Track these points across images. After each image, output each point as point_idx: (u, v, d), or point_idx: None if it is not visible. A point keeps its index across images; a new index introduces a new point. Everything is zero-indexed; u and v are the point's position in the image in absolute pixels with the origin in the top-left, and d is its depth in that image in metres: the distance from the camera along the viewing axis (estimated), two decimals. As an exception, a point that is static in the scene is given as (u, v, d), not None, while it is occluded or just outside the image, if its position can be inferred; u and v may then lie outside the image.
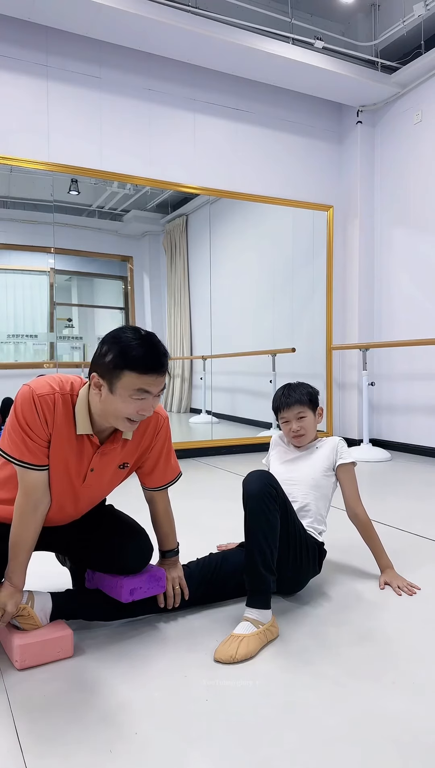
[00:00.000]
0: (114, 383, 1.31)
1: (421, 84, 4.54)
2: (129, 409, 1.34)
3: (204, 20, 3.92)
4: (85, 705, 1.25)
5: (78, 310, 4.88)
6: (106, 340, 1.34)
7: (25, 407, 1.35)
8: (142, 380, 1.31)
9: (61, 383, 1.40)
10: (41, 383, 1.38)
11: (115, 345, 1.31)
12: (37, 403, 1.35)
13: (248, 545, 1.57)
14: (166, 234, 5.14)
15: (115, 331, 1.35)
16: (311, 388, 1.97)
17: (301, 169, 4.93)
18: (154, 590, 1.57)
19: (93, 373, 1.35)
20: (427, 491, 3.39)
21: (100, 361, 1.33)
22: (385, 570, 1.93)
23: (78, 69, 4.02)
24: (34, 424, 1.36)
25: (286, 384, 1.98)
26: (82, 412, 1.39)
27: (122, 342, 1.31)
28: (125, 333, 1.34)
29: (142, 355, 1.30)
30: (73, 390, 1.40)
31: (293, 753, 1.09)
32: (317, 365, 5.13)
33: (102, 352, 1.33)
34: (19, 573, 1.43)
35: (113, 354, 1.30)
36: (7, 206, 4.29)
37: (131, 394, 1.32)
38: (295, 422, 1.91)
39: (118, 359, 1.30)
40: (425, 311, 4.57)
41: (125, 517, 1.68)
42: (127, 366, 1.30)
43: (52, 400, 1.37)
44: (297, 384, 1.97)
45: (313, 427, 1.94)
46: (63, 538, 1.60)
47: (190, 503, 3.05)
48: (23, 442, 1.36)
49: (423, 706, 1.24)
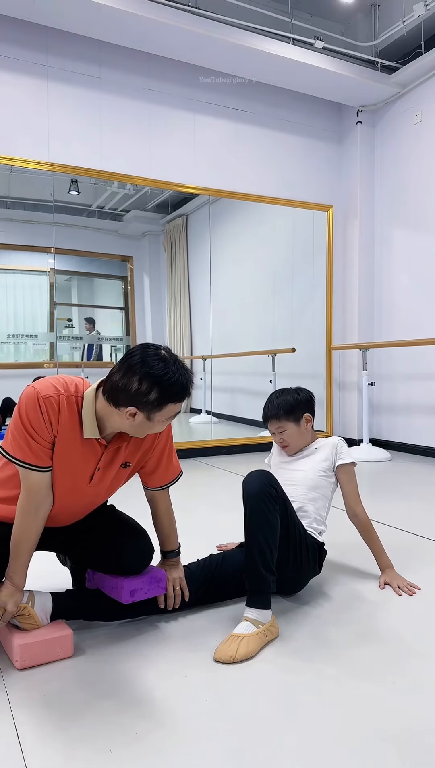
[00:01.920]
0: (154, 414, 1.35)
1: (421, 84, 4.54)
2: (160, 428, 1.42)
3: (204, 20, 3.92)
4: (85, 705, 1.25)
5: (78, 310, 4.88)
6: (142, 375, 1.30)
7: (29, 409, 1.35)
8: (178, 406, 1.39)
9: (66, 385, 1.39)
10: (45, 384, 1.37)
11: (157, 383, 1.31)
12: (42, 405, 1.35)
13: (248, 545, 1.57)
14: (166, 234, 5.14)
15: (146, 365, 1.31)
16: (294, 396, 1.91)
17: (301, 169, 4.93)
18: (155, 591, 1.57)
19: (131, 407, 1.32)
20: (427, 491, 3.39)
21: (141, 399, 1.31)
22: (385, 570, 1.93)
23: (78, 69, 4.02)
24: (38, 425, 1.35)
25: (274, 392, 1.96)
26: (89, 417, 1.39)
27: (163, 379, 1.31)
28: (159, 366, 1.31)
29: (181, 388, 1.35)
30: (78, 392, 1.40)
31: (293, 753, 1.09)
32: (317, 365, 5.13)
33: (141, 390, 1.30)
34: (21, 573, 1.43)
35: (157, 393, 1.31)
36: (7, 206, 4.29)
37: (168, 418, 1.39)
38: (276, 435, 1.92)
39: (163, 397, 1.33)
40: (425, 311, 4.57)
41: (126, 517, 1.68)
42: (171, 400, 1.35)
43: (57, 401, 1.36)
44: (280, 393, 1.93)
45: (297, 437, 1.91)
46: (64, 538, 1.60)
47: (190, 503, 3.05)
48: (26, 443, 1.36)
49: (423, 705, 1.24)
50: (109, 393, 1.35)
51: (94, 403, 1.40)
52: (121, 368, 1.33)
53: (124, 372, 1.32)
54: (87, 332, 4.75)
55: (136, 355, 1.33)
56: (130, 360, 1.33)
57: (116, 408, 1.35)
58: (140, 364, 1.31)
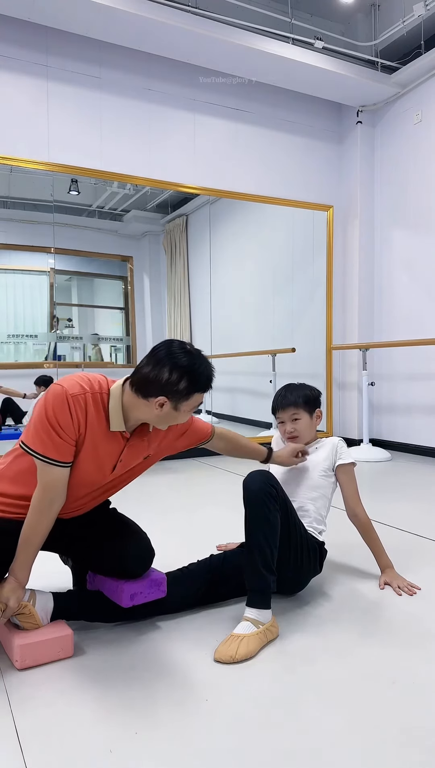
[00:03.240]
0: (181, 403, 1.43)
1: (421, 84, 4.54)
2: (185, 418, 1.50)
3: (204, 20, 3.92)
4: (85, 705, 1.25)
5: (78, 310, 4.88)
6: (172, 366, 1.39)
7: (57, 406, 1.39)
8: (202, 396, 1.48)
9: (90, 383, 1.45)
10: (72, 383, 1.42)
11: (186, 373, 1.40)
12: (71, 403, 1.39)
13: (248, 545, 1.57)
14: (166, 234, 5.14)
15: (174, 356, 1.41)
16: (311, 390, 1.95)
17: (301, 169, 4.93)
18: (155, 595, 1.57)
19: (161, 396, 1.40)
20: (427, 491, 3.39)
21: (171, 388, 1.40)
22: (386, 570, 1.92)
23: (78, 69, 4.02)
24: (65, 423, 1.39)
25: (286, 384, 1.97)
26: (116, 410, 1.45)
27: (191, 370, 1.41)
28: (186, 357, 1.41)
29: (207, 378, 1.45)
30: (102, 389, 1.46)
31: (293, 753, 1.09)
32: (317, 365, 5.13)
33: (171, 380, 1.39)
34: (25, 569, 1.44)
35: (186, 382, 1.41)
36: (7, 206, 4.29)
37: (192, 408, 1.47)
38: (289, 423, 1.91)
39: (191, 386, 1.42)
40: (425, 311, 4.57)
41: (127, 520, 1.68)
42: (198, 389, 1.44)
43: (84, 399, 1.41)
44: (297, 385, 1.95)
45: (308, 429, 1.92)
46: (66, 540, 1.61)
47: (190, 503, 3.06)
48: (50, 438, 1.39)
49: (423, 706, 1.24)
50: (138, 385, 1.42)
51: (121, 397, 1.46)
52: (150, 362, 1.42)
53: (154, 365, 1.41)
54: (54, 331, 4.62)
55: (163, 349, 1.43)
56: (157, 354, 1.42)
57: (145, 399, 1.42)
58: (169, 357, 1.40)
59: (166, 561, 1.81)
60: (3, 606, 1.39)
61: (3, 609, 1.39)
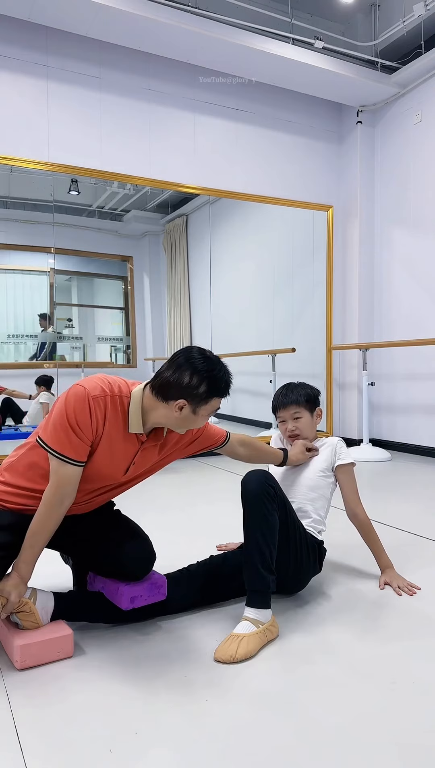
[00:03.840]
0: (199, 407, 1.47)
1: (421, 84, 4.54)
2: (203, 422, 1.54)
3: (204, 20, 3.92)
4: (85, 705, 1.25)
5: (78, 310, 4.88)
6: (193, 371, 1.44)
7: (78, 407, 1.41)
8: (220, 401, 1.52)
9: (110, 386, 1.48)
10: (93, 384, 1.45)
11: (206, 378, 1.45)
12: (92, 405, 1.42)
13: (247, 545, 1.57)
14: (166, 234, 5.14)
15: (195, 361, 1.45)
16: (311, 389, 1.96)
17: (301, 169, 4.93)
18: (155, 598, 1.57)
19: (181, 399, 1.44)
20: (427, 491, 3.39)
21: (190, 391, 1.44)
22: (385, 570, 1.93)
23: (78, 69, 4.02)
24: (84, 424, 1.41)
25: (287, 383, 1.98)
26: (136, 413, 1.49)
27: (211, 375, 1.46)
28: (205, 363, 1.45)
29: (225, 383, 1.50)
30: (122, 392, 1.49)
31: (293, 753, 1.09)
32: (317, 365, 5.13)
33: (191, 383, 1.44)
34: (29, 564, 1.45)
35: (206, 387, 1.45)
36: (7, 206, 4.29)
37: (210, 412, 1.51)
38: (290, 422, 1.92)
39: (210, 391, 1.46)
40: (425, 311, 4.57)
41: (130, 522, 1.68)
42: (217, 394, 1.49)
43: (104, 402, 1.45)
44: (297, 384, 1.97)
45: (309, 428, 1.93)
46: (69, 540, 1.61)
47: (190, 503, 3.05)
48: (67, 437, 1.41)
49: (424, 706, 1.24)
50: (159, 388, 1.47)
51: (142, 399, 1.49)
52: (171, 366, 1.47)
53: (175, 369, 1.46)
54: (41, 329, 4.56)
55: (183, 355, 1.48)
56: (178, 359, 1.47)
57: (165, 402, 1.46)
58: (190, 362, 1.45)
59: (166, 561, 1.82)
60: (4, 600, 1.39)
61: (4, 603, 1.39)
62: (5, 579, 1.43)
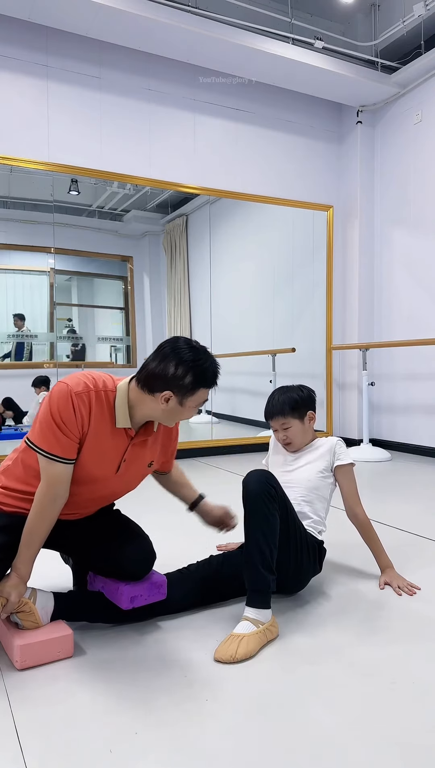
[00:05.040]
0: (186, 398, 1.44)
1: (421, 84, 4.54)
2: (190, 414, 1.50)
3: (204, 20, 3.92)
4: (85, 705, 1.25)
5: (78, 310, 4.88)
6: (178, 361, 1.41)
7: (61, 404, 1.40)
8: (207, 392, 1.49)
9: (95, 381, 1.46)
10: (76, 381, 1.43)
11: (191, 368, 1.42)
12: (75, 401, 1.40)
13: (248, 545, 1.57)
14: (166, 234, 5.14)
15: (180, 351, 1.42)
16: (299, 393, 1.90)
17: (301, 169, 4.93)
18: (155, 597, 1.57)
19: (167, 391, 1.42)
20: (427, 491, 3.39)
21: (176, 382, 1.41)
22: (385, 570, 1.93)
23: (78, 69, 4.02)
24: (69, 420, 1.40)
25: (274, 390, 1.95)
26: (122, 408, 1.46)
27: (196, 365, 1.42)
28: (191, 353, 1.43)
29: (212, 373, 1.46)
30: (107, 387, 1.47)
31: (293, 753, 1.09)
32: (317, 365, 5.13)
33: (177, 374, 1.41)
34: (28, 564, 1.45)
35: (192, 377, 1.42)
36: (7, 206, 4.29)
37: (198, 404, 1.48)
38: (281, 432, 1.91)
39: (196, 381, 1.43)
40: (425, 311, 4.57)
41: (130, 522, 1.68)
42: (203, 385, 1.45)
43: (88, 398, 1.43)
44: (284, 390, 1.92)
45: (301, 434, 1.90)
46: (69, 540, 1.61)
47: (190, 503, 3.05)
48: (54, 435, 1.40)
49: (423, 705, 1.24)
50: (145, 381, 1.44)
51: (127, 393, 1.47)
52: (156, 358, 1.44)
53: (160, 360, 1.43)
54: (16, 330, 4.48)
55: (169, 345, 1.44)
56: (164, 350, 1.44)
57: (151, 394, 1.44)
58: (175, 352, 1.42)
59: (165, 561, 1.82)
60: (4, 600, 1.39)
61: (4, 603, 1.39)
62: (5, 579, 1.43)
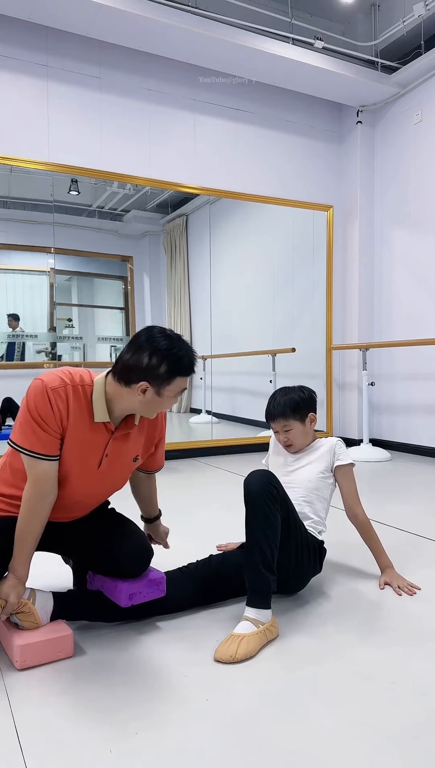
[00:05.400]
0: (163, 388, 1.42)
1: (421, 84, 4.54)
2: (169, 405, 1.48)
3: (204, 20, 3.92)
4: (85, 705, 1.25)
5: (78, 310, 4.88)
6: (153, 351, 1.39)
7: (38, 400, 1.39)
8: (185, 381, 1.46)
9: (71, 376, 1.45)
10: (52, 377, 1.42)
11: (166, 357, 1.39)
12: (51, 397, 1.39)
13: (249, 544, 1.57)
14: (166, 234, 5.13)
15: (154, 341, 1.40)
16: (299, 395, 1.90)
17: (301, 169, 4.93)
18: (154, 594, 1.57)
19: (142, 381, 1.40)
20: (427, 491, 3.39)
21: (151, 372, 1.40)
22: (385, 570, 1.93)
23: (78, 69, 4.02)
24: (47, 416, 1.40)
25: (276, 391, 1.94)
26: (99, 402, 1.45)
27: (171, 353, 1.40)
28: (165, 341, 1.40)
29: (188, 361, 1.43)
30: (84, 381, 1.46)
31: (293, 753, 1.09)
32: (317, 365, 5.13)
33: (151, 364, 1.39)
34: (24, 565, 1.44)
35: (167, 366, 1.40)
36: (7, 206, 4.29)
37: (176, 394, 1.45)
38: (281, 434, 1.91)
39: (172, 370, 1.40)
40: (425, 311, 4.57)
41: (126, 520, 1.68)
42: (179, 373, 1.42)
43: (65, 392, 1.41)
44: (285, 391, 1.91)
45: (301, 436, 1.90)
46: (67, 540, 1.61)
47: (190, 503, 3.05)
48: (35, 433, 1.40)
49: (423, 706, 1.24)
50: (120, 373, 1.43)
51: (104, 387, 1.46)
52: (131, 349, 1.42)
53: (134, 351, 1.41)
54: (10, 330, 4.42)
55: (143, 335, 1.42)
56: (138, 340, 1.42)
57: (127, 386, 1.42)
58: (148, 342, 1.40)
59: (165, 561, 1.82)
60: (3, 602, 1.39)
61: (3, 605, 1.39)
62: (3, 581, 1.43)
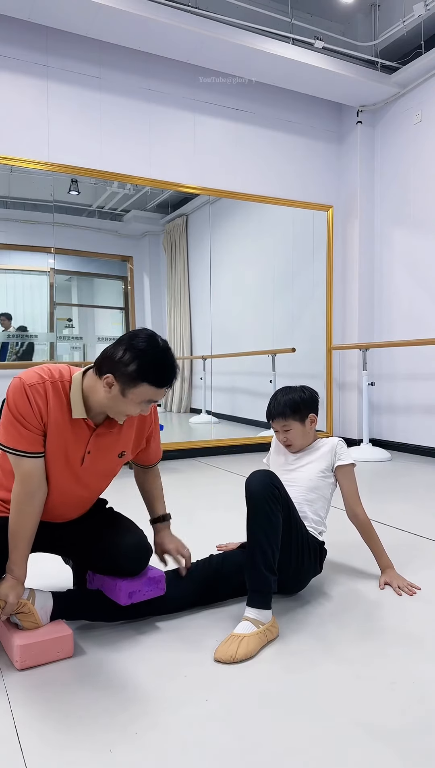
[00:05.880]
0: (128, 389, 1.38)
1: (421, 84, 4.54)
2: (133, 410, 1.43)
3: (204, 20, 3.92)
4: (84, 705, 1.25)
5: (78, 310, 4.87)
6: (128, 347, 1.37)
7: (17, 398, 1.39)
8: (154, 393, 1.40)
9: (50, 372, 1.44)
10: (30, 374, 1.42)
11: (138, 357, 1.36)
12: (29, 393, 1.39)
13: (250, 545, 1.57)
14: (166, 234, 5.13)
15: (135, 339, 1.38)
16: (300, 395, 1.90)
17: (301, 169, 4.93)
18: (153, 593, 1.57)
19: (109, 374, 1.38)
20: (427, 491, 3.39)
21: (120, 367, 1.37)
22: (386, 570, 1.92)
23: (78, 69, 4.02)
24: (27, 413, 1.39)
25: (277, 391, 1.94)
26: (76, 397, 1.44)
27: (145, 355, 1.36)
28: (145, 343, 1.37)
29: (161, 373, 1.38)
30: (63, 377, 1.45)
31: (293, 753, 1.09)
32: (317, 365, 5.13)
33: (123, 359, 1.36)
34: (21, 564, 1.44)
35: (136, 366, 1.36)
36: (7, 206, 4.29)
37: (141, 401, 1.41)
38: (281, 433, 1.91)
39: (139, 372, 1.36)
40: (425, 311, 4.57)
41: (124, 518, 1.68)
42: (147, 380, 1.37)
43: (43, 388, 1.41)
44: (286, 391, 1.91)
45: (301, 436, 1.90)
46: (65, 540, 1.61)
47: (190, 503, 3.05)
48: (17, 431, 1.40)
49: (423, 706, 1.24)
50: (96, 362, 1.43)
51: (81, 382, 1.45)
52: (115, 341, 1.42)
53: (116, 343, 1.41)
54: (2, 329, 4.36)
55: (131, 333, 1.42)
56: (124, 335, 1.42)
57: (99, 378, 1.41)
58: (129, 338, 1.39)
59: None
60: (2, 603, 1.39)
61: (2, 606, 1.39)
62: (1, 582, 1.43)
